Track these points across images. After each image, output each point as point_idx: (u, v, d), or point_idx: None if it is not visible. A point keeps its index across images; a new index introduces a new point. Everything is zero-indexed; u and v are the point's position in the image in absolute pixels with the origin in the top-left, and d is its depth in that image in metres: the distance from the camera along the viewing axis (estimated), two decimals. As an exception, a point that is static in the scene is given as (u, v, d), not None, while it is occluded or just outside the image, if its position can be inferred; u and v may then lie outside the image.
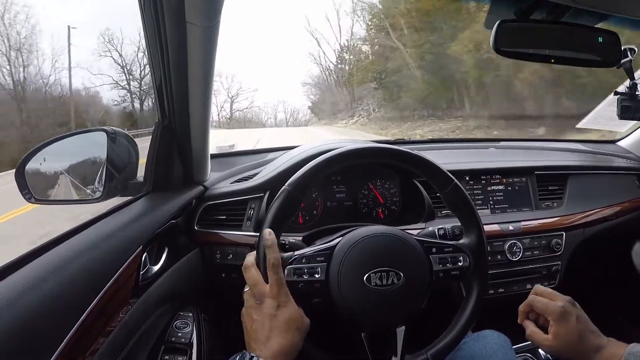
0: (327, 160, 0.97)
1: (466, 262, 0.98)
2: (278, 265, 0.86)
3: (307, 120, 48.01)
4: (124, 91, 34.20)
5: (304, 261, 0.92)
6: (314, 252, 0.93)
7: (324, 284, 0.91)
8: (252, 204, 1.37)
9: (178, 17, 0.90)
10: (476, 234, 1.01)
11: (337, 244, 0.94)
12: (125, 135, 1.12)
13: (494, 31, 0.90)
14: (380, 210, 1.56)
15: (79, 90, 32.01)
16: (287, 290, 0.85)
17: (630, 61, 1.39)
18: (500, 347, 1.10)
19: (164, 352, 1.02)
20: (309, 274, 0.91)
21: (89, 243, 0.84)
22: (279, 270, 0.86)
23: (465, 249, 0.99)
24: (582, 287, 1.45)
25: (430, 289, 0.96)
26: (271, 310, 0.83)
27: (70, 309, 0.72)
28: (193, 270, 1.28)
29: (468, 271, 0.98)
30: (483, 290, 1.00)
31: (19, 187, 1.01)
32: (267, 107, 66.17)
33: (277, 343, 0.80)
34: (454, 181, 1.02)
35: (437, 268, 0.96)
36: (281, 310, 0.83)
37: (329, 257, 0.93)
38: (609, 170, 1.75)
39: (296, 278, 0.90)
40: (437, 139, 3.57)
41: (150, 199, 1.13)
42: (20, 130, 22.45)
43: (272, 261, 0.86)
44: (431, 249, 0.97)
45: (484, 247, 1.02)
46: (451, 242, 1.00)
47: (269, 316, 0.82)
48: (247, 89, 59.96)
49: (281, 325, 0.82)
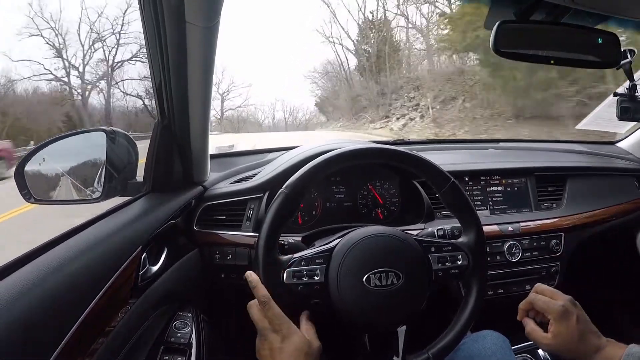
0: (326, 160, 0.98)
1: (465, 260, 0.98)
2: (269, 300, 0.87)
3: (308, 120, 45.09)
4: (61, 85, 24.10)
5: (302, 264, 0.92)
6: (313, 254, 0.94)
7: (323, 286, 0.92)
8: (252, 204, 1.37)
9: (178, 17, 0.90)
10: (475, 232, 1.02)
11: (336, 246, 0.95)
12: (124, 135, 1.12)
13: (493, 32, 0.91)
14: (380, 210, 1.56)
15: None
16: (288, 320, 0.87)
17: (630, 62, 1.39)
18: (499, 348, 1.10)
19: (163, 353, 1.02)
20: (308, 276, 0.91)
21: (88, 243, 0.84)
22: (272, 305, 0.87)
23: (464, 248, 0.99)
24: (581, 288, 1.45)
25: (429, 289, 0.96)
26: (276, 344, 0.84)
27: (69, 309, 0.72)
28: (192, 271, 1.28)
29: (467, 270, 0.99)
30: (482, 289, 1.00)
31: (19, 187, 1.01)
32: (264, 106, 63.23)
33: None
34: (451, 180, 1.02)
35: (436, 267, 0.96)
36: (286, 342, 0.84)
37: (328, 259, 0.93)
38: (608, 172, 1.75)
39: (295, 281, 0.91)
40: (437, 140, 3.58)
41: (150, 199, 1.13)
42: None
43: (261, 299, 0.87)
44: (430, 248, 0.97)
45: (483, 245, 1.02)
46: (450, 241, 1.00)
47: (276, 350, 0.84)
48: (240, 84, 55.86)
49: (289, 356, 0.83)
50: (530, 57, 0.96)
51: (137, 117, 24.79)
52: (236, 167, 1.59)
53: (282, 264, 0.92)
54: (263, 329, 0.87)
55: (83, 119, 22.17)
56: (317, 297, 0.92)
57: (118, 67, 25.50)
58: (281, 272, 0.91)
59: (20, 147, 12.55)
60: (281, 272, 0.91)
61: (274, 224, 0.92)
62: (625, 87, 1.49)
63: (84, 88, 24.73)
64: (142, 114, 24.02)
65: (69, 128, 19.52)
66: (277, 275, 0.91)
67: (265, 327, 0.86)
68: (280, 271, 0.91)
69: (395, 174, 1.57)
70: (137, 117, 24.94)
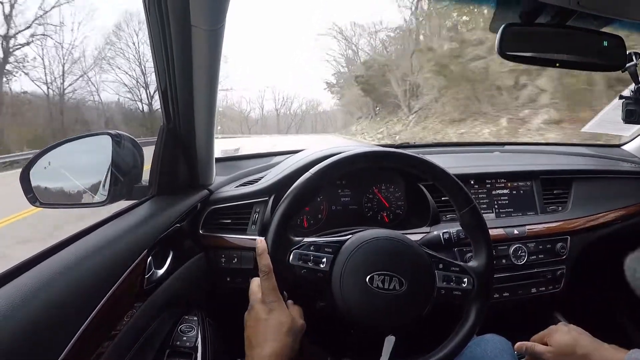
0: (356, 155, 0.99)
1: (470, 284, 0.98)
2: (269, 271, 0.88)
3: (305, 112, 42.27)
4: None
5: (312, 249, 0.93)
6: (323, 242, 0.94)
7: (326, 275, 0.92)
8: (257, 208, 1.37)
9: (183, 20, 0.90)
10: (485, 258, 1.02)
11: (347, 240, 0.95)
12: (130, 139, 1.12)
13: (499, 35, 0.91)
14: (385, 214, 1.56)
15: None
16: (278, 295, 0.88)
17: (636, 65, 1.39)
18: (501, 352, 1.10)
19: (168, 356, 1.02)
20: (315, 262, 0.92)
21: (94, 247, 0.84)
22: (270, 277, 0.88)
23: (471, 272, 0.99)
24: (586, 292, 1.45)
25: (429, 304, 0.96)
26: (262, 314, 0.85)
27: (75, 312, 0.72)
28: (198, 274, 1.28)
29: (470, 294, 0.98)
30: (481, 314, 0.99)
31: (24, 191, 1.01)
32: (250, 98, 58.47)
33: (270, 347, 0.82)
34: (473, 203, 1.02)
35: (440, 285, 0.96)
36: (272, 314, 0.85)
37: (337, 251, 0.94)
38: (613, 174, 1.75)
39: (301, 263, 0.92)
40: (443, 143, 3.56)
41: (155, 202, 1.13)
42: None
43: (262, 268, 0.88)
44: (438, 265, 0.97)
45: (491, 273, 1.02)
46: (459, 263, 1.00)
47: (261, 321, 0.85)
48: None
49: (272, 328, 0.84)
50: (535, 60, 0.96)
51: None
52: (242, 171, 1.59)
53: (292, 243, 0.93)
54: (254, 300, 0.88)
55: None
56: (318, 284, 0.93)
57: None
58: (289, 251, 0.92)
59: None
60: (288, 251, 0.92)
61: (295, 200, 0.94)
62: (631, 89, 1.48)
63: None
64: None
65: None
66: (284, 252, 0.92)
67: (257, 298, 0.88)
68: (288, 249, 0.92)
69: (400, 177, 1.57)
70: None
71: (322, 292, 0.93)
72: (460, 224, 1.05)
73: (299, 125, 54.12)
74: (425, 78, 18.94)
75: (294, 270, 0.91)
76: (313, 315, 0.95)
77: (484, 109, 14.27)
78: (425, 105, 19.50)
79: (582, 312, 1.12)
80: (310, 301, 0.98)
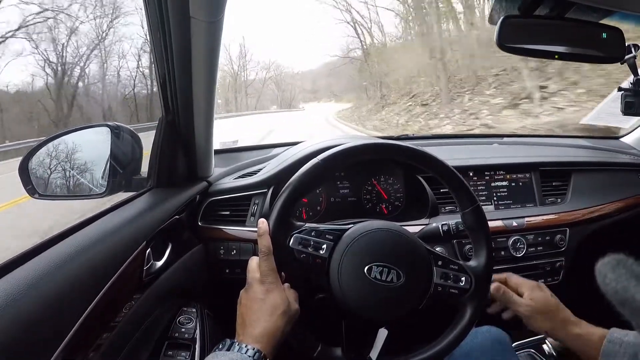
0: (364, 146, 0.99)
1: (467, 284, 0.98)
2: (268, 252, 0.88)
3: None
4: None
5: (313, 234, 0.93)
6: (325, 229, 0.95)
7: (325, 262, 0.92)
8: (256, 200, 1.37)
9: (182, 12, 0.90)
10: (485, 259, 1.02)
11: (350, 228, 0.96)
12: (129, 130, 1.12)
13: (497, 27, 0.90)
14: (384, 205, 1.56)
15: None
16: (277, 276, 0.88)
17: (634, 57, 1.38)
18: (499, 343, 1.11)
19: (167, 348, 1.02)
20: (314, 248, 0.92)
21: (92, 239, 0.85)
22: (270, 258, 0.88)
23: (469, 272, 0.99)
24: (585, 283, 1.44)
25: (425, 299, 0.96)
26: (259, 294, 0.86)
27: (74, 304, 0.72)
28: (197, 266, 1.29)
29: (466, 294, 0.98)
30: (476, 315, 0.99)
31: (23, 183, 1.02)
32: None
33: (261, 326, 0.82)
34: (477, 203, 1.02)
35: (437, 281, 0.96)
36: (269, 295, 0.86)
37: (338, 238, 0.94)
38: (613, 166, 1.75)
39: (301, 248, 0.92)
40: (441, 135, 3.55)
41: (154, 194, 1.14)
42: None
43: (262, 249, 0.89)
44: (437, 261, 0.97)
45: (489, 274, 1.02)
46: (459, 261, 1.00)
47: (257, 300, 0.85)
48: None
49: (267, 309, 0.84)
50: (534, 52, 0.95)
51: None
52: (241, 163, 1.59)
53: (293, 227, 0.93)
54: (252, 280, 0.88)
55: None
56: (316, 270, 0.93)
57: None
58: (289, 234, 0.92)
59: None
60: (289, 235, 0.92)
61: (300, 185, 0.94)
62: (630, 81, 1.48)
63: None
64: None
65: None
66: (285, 235, 0.92)
67: (255, 277, 0.88)
68: (289, 233, 0.93)
69: (399, 169, 1.57)
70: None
71: (319, 280, 0.94)
72: (462, 222, 1.06)
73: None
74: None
75: (293, 254, 0.92)
76: (308, 303, 0.95)
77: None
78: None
79: (580, 304, 1.12)
80: (307, 289, 0.99)
